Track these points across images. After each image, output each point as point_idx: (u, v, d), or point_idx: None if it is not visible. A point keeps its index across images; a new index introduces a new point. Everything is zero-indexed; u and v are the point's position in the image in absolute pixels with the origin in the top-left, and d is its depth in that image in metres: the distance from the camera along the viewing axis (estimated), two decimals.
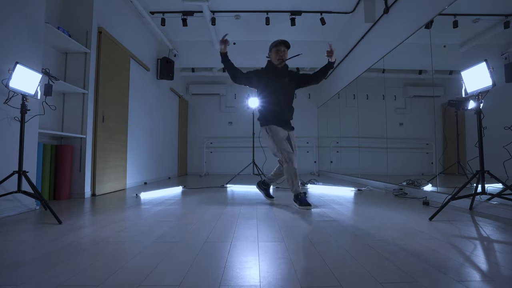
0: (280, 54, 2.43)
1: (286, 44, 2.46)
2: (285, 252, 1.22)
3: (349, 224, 1.74)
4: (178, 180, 5.38)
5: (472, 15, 2.52)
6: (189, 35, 5.34)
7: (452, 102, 2.74)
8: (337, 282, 0.93)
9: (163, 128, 5.51)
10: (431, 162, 3.02)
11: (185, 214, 2.06)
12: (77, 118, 2.96)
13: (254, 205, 2.45)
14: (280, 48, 2.44)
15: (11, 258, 1.15)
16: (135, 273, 1.00)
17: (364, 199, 2.79)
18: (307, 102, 7.43)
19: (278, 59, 2.43)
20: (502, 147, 2.00)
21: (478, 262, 1.11)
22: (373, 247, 1.29)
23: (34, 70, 1.89)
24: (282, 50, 2.44)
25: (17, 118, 2.04)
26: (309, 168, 7.18)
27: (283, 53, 2.45)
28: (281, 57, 2.43)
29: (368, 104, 4.44)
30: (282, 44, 2.44)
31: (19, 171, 1.82)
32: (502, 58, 2.19)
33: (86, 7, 3.04)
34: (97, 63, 3.14)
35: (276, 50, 2.45)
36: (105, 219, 1.89)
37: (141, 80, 4.48)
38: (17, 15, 2.11)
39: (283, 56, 2.44)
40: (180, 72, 6.58)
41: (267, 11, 4.53)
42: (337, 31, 5.30)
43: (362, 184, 4.09)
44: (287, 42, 2.46)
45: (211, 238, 1.44)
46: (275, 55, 2.45)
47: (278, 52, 2.44)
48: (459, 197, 1.87)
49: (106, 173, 3.29)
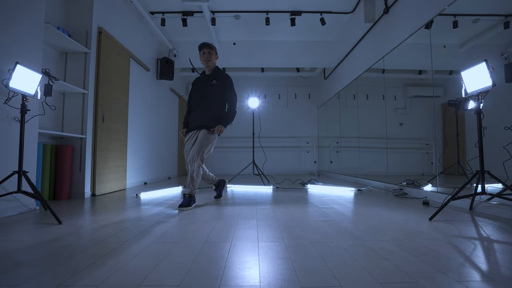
0: (206, 56, 2.50)
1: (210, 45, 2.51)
2: (285, 252, 1.22)
3: (349, 224, 1.74)
4: (178, 180, 5.38)
5: (472, 15, 2.52)
6: (189, 35, 5.34)
7: (452, 102, 2.74)
8: (337, 282, 0.93)
9: (163, 128, 5.51)
10: (431, 162, 3.02)
11: (185, 214, 2.06)
12: (77, 118, 2.96)
13: (254, 205, 2.45)
14: (204, 50, 2.50)
15: (11, 258, 1.15)
16: (135, 273, 1.00)
17: (364, 199, 2.79)
18: (307, 102, 7.44)
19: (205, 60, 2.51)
20: (502, 147, 2.00)
21: (478, 262, 1.11)
22: (373, 247, 1.29)
23: (34, 70, 1.89)
24: (207, 52, 2.50)
25: (17, 118, 2.05)
26: (309, 168, 7.18)
27: (208, 55, 2.50)
28: (207, 58, 2.50)
29: (368, 104, 4.44)
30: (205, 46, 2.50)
31: (19, 171, 1.82)
32: (502, 58, 2.19)
33: (86, 7, 3.04)
34: (97, 63, 3.14)
35: (202, 53, 2.52)
36: (105, 219, 1.89)
37: (141, 80, 4.48)
38: (17, 15, 2.11)
39: (209, 58, 2.50)
40: (180, 72, 6.58)
41: (267, 11, 4.53)
42: (337, 31, 5.30)
43: (362, 184, 4.09)
44: (209, 44, 2.51)
45: (211, 238, 1.44)
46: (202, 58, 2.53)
47: (204, 55, 2.51)
48: (459, 197, 1.87)
49: (106, 173, 3.29)
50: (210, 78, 2.55)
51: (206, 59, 2.49)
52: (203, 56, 2.50)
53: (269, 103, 7.31)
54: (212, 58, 2.51)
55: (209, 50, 2.49)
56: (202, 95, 2.52)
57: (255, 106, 4.73)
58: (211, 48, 2.49)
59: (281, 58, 5.71)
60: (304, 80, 7.36)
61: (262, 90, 7.28)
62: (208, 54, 2.49)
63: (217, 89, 2.51)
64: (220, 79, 2.53)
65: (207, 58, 2.49)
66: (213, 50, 2.52)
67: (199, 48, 2.52)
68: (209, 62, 2.50)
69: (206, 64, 2.51)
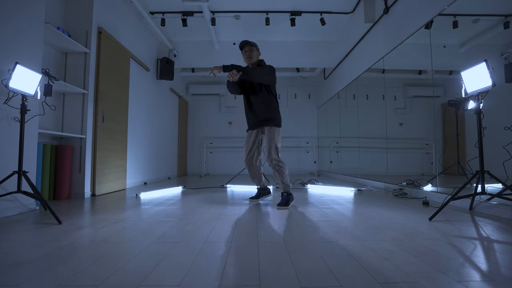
0: (247, 53, 2.51)
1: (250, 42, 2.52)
2: (285, 252, 1.22)
3: (349, 224, 1.74)
4: (178, 180, 5.38)
5: (472, 15, 2.52)
6: (189, 35, 5.34)
7: (452, 102, 2.74)
8: (337, 282, 0.93)
9: (163, 128, 5.51)
10: (431, 162, 3.02)
11: (185, 214, 2.06)
12: (77, 118, 2.96)
13: (254, 205, 2.45)
14: (246, 48, 2.51)
15: (11, 258, 1.15)
16: (135, 273, 1.00)
17: (364, 199, 2.79)
18: (307, 102, 7.44)
19: (247, 58, 2.52)
20: (502, 147, 2.00)
21: (478, 262, 1.11)
22: (373, 247, 1.29)
23: (34, 70, 1.89)
24: (248, 49, 2.51)
25: (17, 118, 2.05)
26: (309, 168, 7.18)
27: (250, 52, 2.50)
28: (248, 56, 2.50)
29: (368, 104, 4.44)
30: (246, 44, 2.51)
31: (19, 171, 1.82)
32: (502, 58, 2.19)
33: (86, 7, 3.04)
34: (97, 63, 3.14)
35: (244, 52, 2.53)
36: (105, 219, 1.89)
37: (141, 80, 4.48)
38: (17, 15, 2.11)
39: (250, 55, 2.50)
40: (180, 72, 6.58)
41: (267, 11, 4.53)
42: (337, 31, 5.30)
43: (362, 184, 4.09)
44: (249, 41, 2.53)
45: (211, 238, 1.44)
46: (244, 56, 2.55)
47: (245, 53, 2.52)
48: (459, 197, 1.87)
49: (106, 173, 3.29)
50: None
51: (248, 56, 2.51)
52: (245, 54, 2.52)
53: None
54: (254, 55, 2.51)
55: (250, 47, 2.50)
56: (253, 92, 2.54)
57: None
58: (251, 45, 2.51)
59: (281, 58, 5.71)
60: (304, 80, 7.36)
61: None
62: (249, 51, 2.50)
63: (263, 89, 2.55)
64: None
65: (249, 55, 2.50)
66: (254, 47, 2.52)
67: (240, 47, 2.54)
68: (251, 59, 2.50)
69: (248, 61, 2.52)
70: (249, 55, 2.50)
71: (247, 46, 2.50)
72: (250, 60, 2.51)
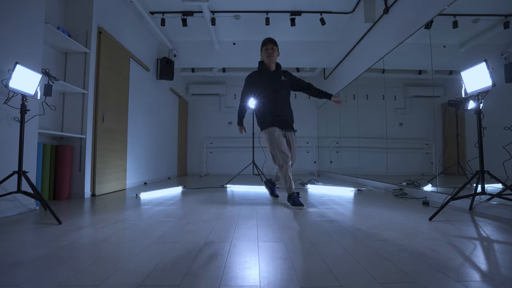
0: (269, 51, 2.50)
1: (274, 41, 2.52)
2: (285, 252, 1.22)
3: (349, 224, 1.74)
4: (178, 180, 5.38)
5: (472, 15, 2.52)
6: (189, 35, 5.34)
7: (452, 102, 2.74)
8: (337, 282, 0.93)
9: (163, 128, 5.51)
10: (431, 162, 3.02)
11: (185, 214, 2.06)
12: (77, 118, 2.96)
13: (254, 205, 2.45)
14: (268, 46, 2.51)
15: (11, 258, 1.15)
16: (135, 273, 1.00)
17: (364, 199, 2.79)
18: (307, 102, 7.43)
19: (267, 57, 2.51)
20: (502, 147, 2.00)
21: (478, 262, 1.11)
22: (373, 247, 1.29)
23: (34, 70, 1.89)
24: (270, 47, 2.50)
25: (17, 118, 2.04)
26: (309, 168, 7.18)
27: (272, 51, 2.51)
28: (270, 54, 2.50)
29: (368, 104, 4.44)
30: (269, 42, 2.51)
31: (19, 171, 1.82)
32: (502, 58, 2.19)
33: (86, 7, 3.04)
34: (97, 63, 3.14)
35: (265, 49, 2.52)
36: (105, 219, 1.89)
37: (141, 80, 4.48)
38: (17, 15, 2.11)
39: (272, 54, 2.51)
40: (180, 72, 6.58)
41: (267, 11, 4.53)
42: (337, 31, 5.30)
43: (362, 184, 4.09)
44: (274, 40, 2.53)
45: (211, 238, 1.44)
46: (264, 53, 2.54)
47: (267, 50, 2.51)
48: (459, 197, 1.87)
49: (106, 173, 3.29)
50: (279, 74, 2.57)
51: (270, 55, 2.50)
52: (266, 52, 2.51)
53: None
54: (275, 55, 2.52)
55: (272, 46, 2.50)
56: (277, 91, 2.53)
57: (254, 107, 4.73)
58: (274, 44, 2.51)
59: (281, 58, 5.65)
60: None
61: None
62: (271, 50, 2.50)
63: (288, 87, 2.60)
64: (287, 76, 2.60)
65: (270, 54, 2.50)
66: (276, 47, 2.53)
67: (263, 43, 2.53)
68: (272, 58, 2.50)
69: (268, 60, 2.52)
70: (271, 54, 2.50)
71: (270, 44, 2.50)
72: (270, 59, 2.51)
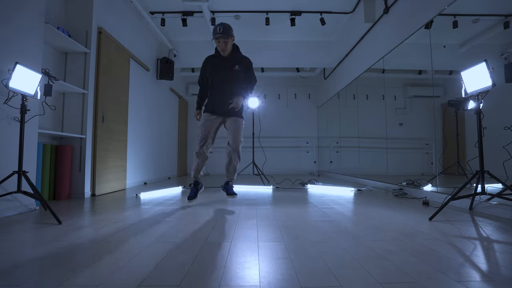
0: (221, 46, 2.36)
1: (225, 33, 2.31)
2: (285, 252, 1.22)
3: (349, 224, 1.74)
4: (178, 180, 5.38)
5: (472, 15, 2.52)
6: (189, 35, 5.34)
7: (452, 102, 2.75)
8: (337, 282, 0.93)
9: (163, 128, 5.51)
10: (431, 162, 3.02)
11: (185, 214, 2.06)
12: (77, 118, 2.96)
13: (254, 205, 2.45)
14: (220, 40, 2.34)
15: (11, 258, 1.15)
16: (135, 273, 1.00)
17: (364, 199, 2.79)
18: (307, 102, 7.44)
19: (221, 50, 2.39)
20: (502, 147, 2.00)
21: (478, 262, 1.11)
22: (373, 247, 1.29)
23: (34, 70, 1.89)
24: (222, 42, 2.34)
25: (17, 118, 2.04)
26: (309, 168, 7.18)
27: (224, 45, 2.35)
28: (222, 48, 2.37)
29: (368, 104, 4.44)
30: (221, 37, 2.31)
31: (19, 171, 1.82)
32: (502, 58, 2.19)
33: (86, 7, 3.04)
34: (97, 63, 3.14)
35: (217, 42, 2.37)
36: (105, 219, 1.89)
37: (141, 80, 4.48)
38: (17, 15, 2.11)
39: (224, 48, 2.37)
40: (180, 72, 6.58)
41: (267, 11, 4.53)
42: (337, 31, 5.30)
43: (362, 184, 4.09)
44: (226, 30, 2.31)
45: (211, 238, 1.44)
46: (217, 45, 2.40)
47: (219, 44, 2.37)
48: (459, 197, 1.87)
49: (106, 173, 3.29)
50: (231, 62, 2.43)
51: (222, 49, 2.37)
52: (218, 45, 2.38)
53: (269, 103, 7.31)
54: (228, 46, 2.37)
55: (224, 40, 2.33)
56: (224, 80, 2.44)
57: (255, 106, 4.73)
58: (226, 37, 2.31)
59: (281, 58, 5.71)
60: (304, 80, 7.36)
61: (262, 90, 7.27)
62: (223, 44, 2.35)
63: (240, 75, 2.46)
64: (242, 65, 2.45)
65: (223, 48, 2.37)
66: (229, 38, 2.34)
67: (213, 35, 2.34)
68: (225, 51, 2.39)
69: (223, 53, 2.40)
70: (223, 47, 2.36)
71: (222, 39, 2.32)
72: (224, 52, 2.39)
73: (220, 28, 2.30)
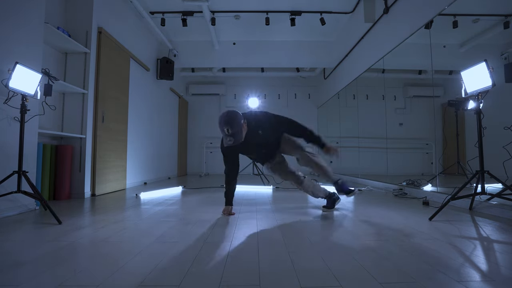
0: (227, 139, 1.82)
1: (228, 124, 1.78)
2: (285, 252, 1.22)
3: (349, 224, 1.74)
4: (178, 180, 5.38)
5: (472, 15, 2.52)
6: (189, 35, 5.34)
7: (452, 102, 2.75)
8: (337, 282, 0.93)
9: (163, 128, 5.51)
10: (431, 162, 3.02)
11: (185, 214, 2.06)
12: (77, 118, 2.96)
13: (254, 205, 2.45)
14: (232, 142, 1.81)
15: (11, 258, 1.15)
16: (135, 273, 1.00)
17: (364, 199, 2.79)
18: (307, 102, 7.44)
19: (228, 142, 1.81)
20: (502, 147, 2.00)
21: (478, 262, 1.11)
22: (373, 247, 1.29)
23: (34, 70, 1.89)
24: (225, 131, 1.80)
25: (17, 118, 2.04)
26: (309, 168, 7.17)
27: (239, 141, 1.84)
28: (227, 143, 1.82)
29: (368, 104, 4.44)
30: (232, 141, 1.80)
31: (19, 171, 1.82)
32: (502, 58, 2.19)
33: (86, 7, 3.04)
34: (97, 63, 3.14)
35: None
36: (105, 219, 1.89)
37: (141, 80, 4.48)
38: (17, 15, 2.11)
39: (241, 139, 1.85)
40: (180, 72, 6.57)
41: (267, 11, 4.53)
42: (337, 31, 5.30)
43: (362, 184, 4.09)
44: (228, 122, 1.79)
45: (211, 238, 1.44)
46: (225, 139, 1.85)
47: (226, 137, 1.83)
48: (459, 197, 1.87)
49: (106, 173, 3.29)
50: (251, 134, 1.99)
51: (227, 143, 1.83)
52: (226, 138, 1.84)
53: (269, 103, 7.30)
54: (244, 134, 1.89)
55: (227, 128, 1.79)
56: (254, 152, 2.24)
57: (255, 106, 4.73)
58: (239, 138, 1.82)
59: (281, 58, 5.71)
60: (304, 80, 7.35)
61: (262, 90, 7.27)
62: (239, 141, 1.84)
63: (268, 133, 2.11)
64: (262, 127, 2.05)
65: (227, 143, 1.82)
66: (241, 131, 1.84)
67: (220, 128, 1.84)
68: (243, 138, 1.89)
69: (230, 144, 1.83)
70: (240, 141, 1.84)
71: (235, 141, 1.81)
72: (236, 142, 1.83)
73: (228, 128, 1.77)
